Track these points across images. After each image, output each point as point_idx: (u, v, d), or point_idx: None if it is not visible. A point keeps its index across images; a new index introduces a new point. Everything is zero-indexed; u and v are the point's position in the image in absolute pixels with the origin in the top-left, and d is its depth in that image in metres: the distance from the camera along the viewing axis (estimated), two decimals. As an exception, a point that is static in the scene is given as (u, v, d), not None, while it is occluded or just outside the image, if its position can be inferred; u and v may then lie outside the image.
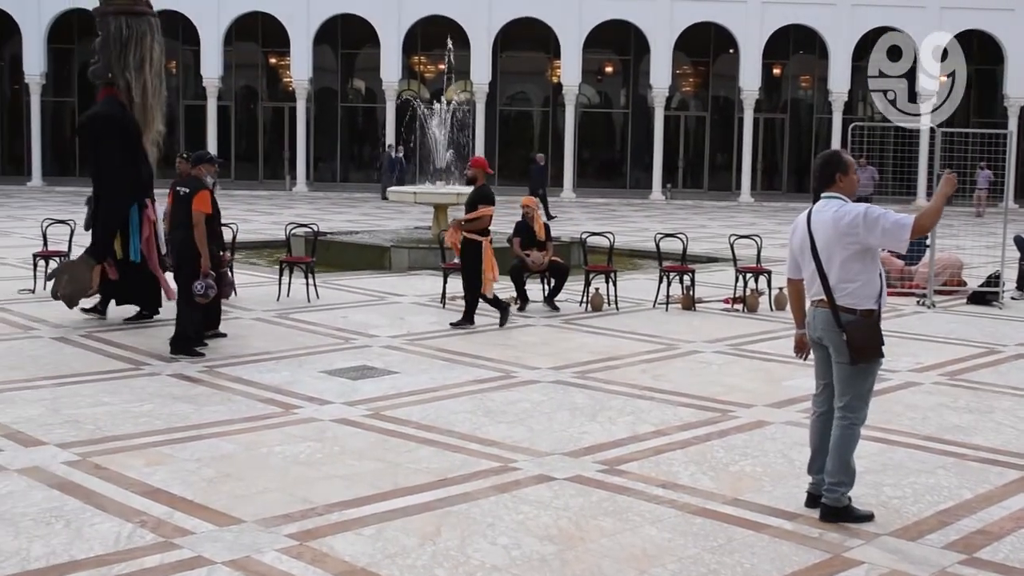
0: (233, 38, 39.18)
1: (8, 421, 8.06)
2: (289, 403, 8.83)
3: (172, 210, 11.00)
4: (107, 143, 12.58)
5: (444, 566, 5.53)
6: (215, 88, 38.03)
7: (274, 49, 40.62)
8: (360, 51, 41.26)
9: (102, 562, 5.50)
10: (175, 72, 42.80)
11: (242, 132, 43.21)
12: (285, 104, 40.91)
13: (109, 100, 12.81)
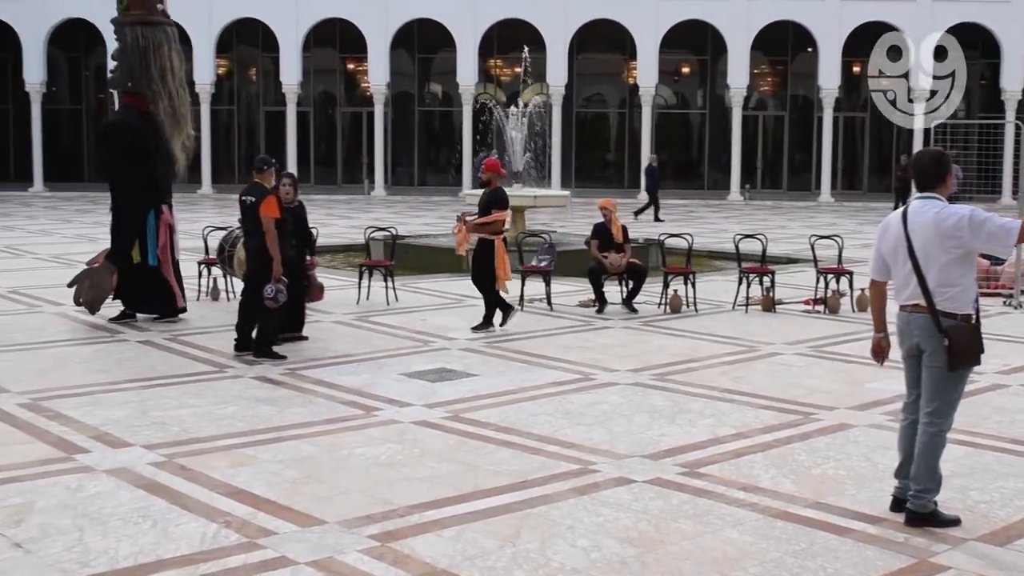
0: (312, 44, 39.62)
1: (96, 423, 8.23)
2: (369, 405, 8.91)
3: (242, 219, 11.19)
4: (124, 151, 12.84)
5: (524, 568, 5.54)
6: (294, 94, 38.48)
7: (352, 55, 40.98)
8: (437, 55, 41.48)
9: (188, 561, 5.60)
10: (255, 79, 43.47)
11: (321, 137, 43.64)
12: (363, 109, 41.26)
13: (127, 108, 13.14)
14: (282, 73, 38.48)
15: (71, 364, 10.48)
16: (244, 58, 42.79)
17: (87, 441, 7.76)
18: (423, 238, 20.95)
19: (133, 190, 12.77)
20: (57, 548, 5.76)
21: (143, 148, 12.83)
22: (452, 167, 40.32)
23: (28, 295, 14.60)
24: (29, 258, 19.52)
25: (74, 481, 6.87)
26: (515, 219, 19.95)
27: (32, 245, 21.46)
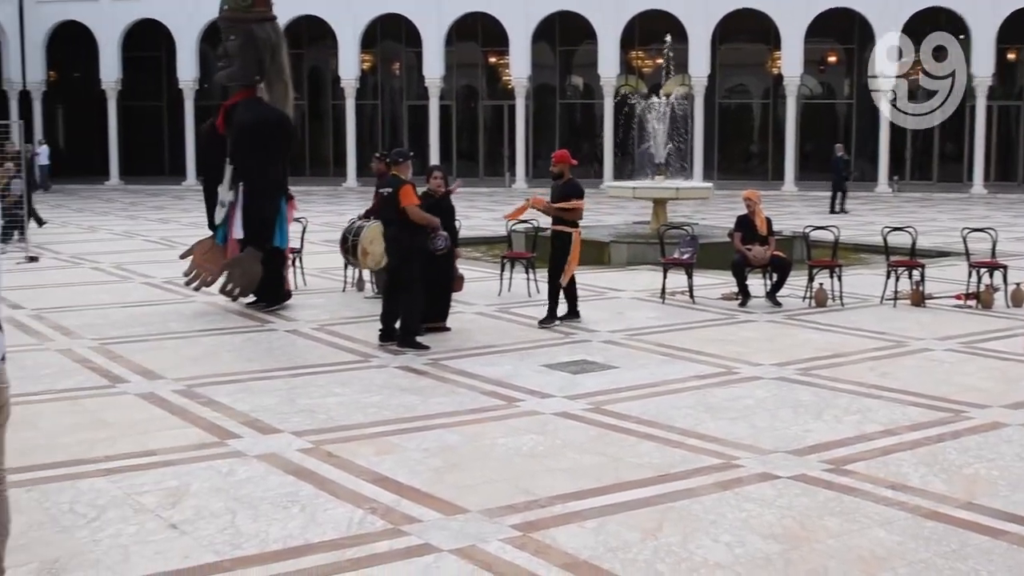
0: (454, 38, 39.98)
1: (247, 409, 8.46)
2: (511, 396, 8.97)
3: (381, 211, 11.37)
4: (272, 143, 13.32)
5: (666, 561, 5.51)
6: (437, 88, 38.88)
7: (494, 48, 41.23)
8: (578, 47, 41.45)
9: (335, 546, 5.72)
10: (399, 73, 44.08)
11: (463, 131, 44.04)
12: (505, 102, 41.49)
13: (257, 102, 13.54)
14: (425, 67, 38.92)
15: (223, 352, 10.80)
16: (388, 53, 43.42)
17: (238, 427, 7.99)
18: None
19: (275, 179, 13.30)
20: (210, 530, 5.94)
21: (283, 140, 13.38)
22: (594, 160, 40.24)
23: (182, 286, 15.06)
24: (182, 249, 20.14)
25: (226, 465, 7.08)
26: (657, 211, 19.84)
27: (185, 237, 22.10)
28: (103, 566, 5.44)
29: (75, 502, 6.37)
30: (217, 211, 13.38)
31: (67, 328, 11.90)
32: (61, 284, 15.38)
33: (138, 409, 8.56)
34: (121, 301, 13.86)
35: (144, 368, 9.92)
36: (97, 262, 18.00)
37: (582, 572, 5.38)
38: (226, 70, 13.63)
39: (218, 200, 13.33)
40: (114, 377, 9.63)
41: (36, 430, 7.76)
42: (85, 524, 6.02)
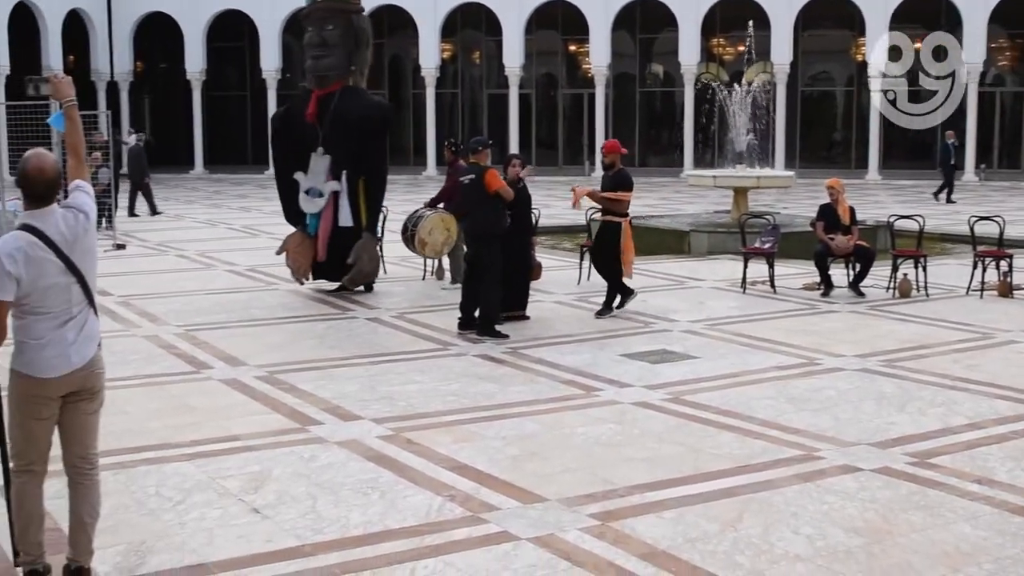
0: (534, 27, 39.92)
1: (329, 396, 8.55)
2: (590, 385, 8.96)
3: (462, 199, 11.41)
4: (383, 132, 13.87)
5: (746, 553, 5.48)
6: (517, 77, 38.87)
7: (574, 36, 41.09)
8: (658, 35, 41.17)
9: (414, 532, 5.76)
10: (478, 62, 44.15)
11: (542, 119, 43.98)
12: (584, 91, 41.35)
13: (360, 92, 13.90)
14: (505, 56, 38.92)
15: (305, 339, 10.92)
16: (468, 42, 43.50)
17: (320, 413, 8.08)
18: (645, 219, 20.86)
19: (385, 167, 13.94)
20: (292, 515, 6.02)
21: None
22: (674, 148, 39.96)
23: (265, 273, 15.27)
24: (265, 238, 20.37)
25: (308, 451, 7.17)
26: (737, 200, 19.66)
27: (268, 225, 22.39)
28: (188, 549, 5.54)
29: (161, 486, 6.49)
30: (304, 200, 13.45)
31: (153, 315, 12.12)
32: (148, 271, 15.66)
33: (222, 395, 8.70)
34: (205, 288, 14.08)
35: (228, 354, 10.07)
36: (182, 250, 18.30)
37: (661, 562, 5.37)
38: (324, 60, 13.71)
39: (302, 189, 13.42)
40: (199, 363, 9.80)
41: (124, 415, 7.92)
42: (171, 507, 6.14)
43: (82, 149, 5.28)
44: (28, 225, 4.85)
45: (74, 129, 5.30)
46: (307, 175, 13.40)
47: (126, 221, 22.27)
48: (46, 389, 4.88)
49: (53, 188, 4.93)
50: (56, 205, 4.93)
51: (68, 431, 5.05)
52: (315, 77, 13.69)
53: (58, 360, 4.88)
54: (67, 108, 5.34)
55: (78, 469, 5.11)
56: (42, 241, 4.82)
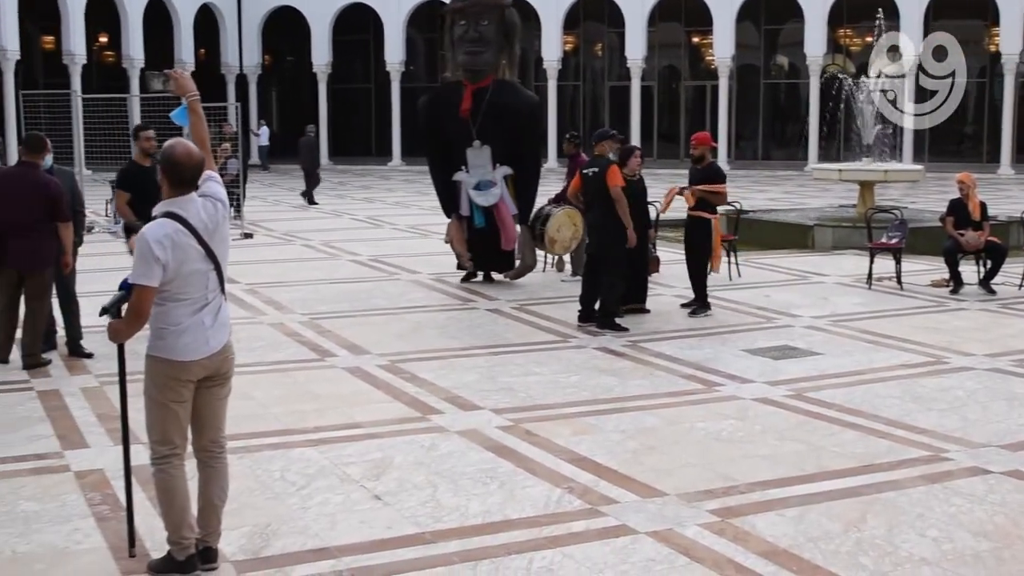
0: (656, 19, 39.67)
1: (449, 386, 8.63)
2: (710, 380, 8.88)
3: (583, 191, 11.34)
4: (539, 125, 14.28)
5: (869, 555, 5.38)
6: (639, 69, 38.67)
7: (697, 28, 40.72)
8: (783, 26, 40.56)
9: (533, 523, 5.79)
10: (600, 54, 44.03)
11: (664, 112, 43.69)
12: (707, 83, 40.96)
13: (515, 86, 14.08)
14: (627, 48, 38.75)
15: (426, 329, 11.03)
16: (590, 34, 43.42)
17: (440, 403, 8.16)
18: (768, 213, 20.61)
19: (539, 159, 14.15)
20: (412, 502, 6.10)
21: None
22: (800, 141, 39.35)
23: (387, 263, 15.47)
24: (388, 228, 20.67)
25: (428, 440, 7.25)
26: (864, 194, 19.28)
27: (390, 216, 22.70)
28: (311, 533, 5.65)
29: (285, 470, 6.63)
30: (478, 195, 13.51)
31: (279, 302, 12.37)
32: (274, 260, 15.98)
33: (345, 382, 8.84)
34: (330, 277, 14.32)
35: (351, 343, 10.23)
36: (307, 239, 18.63)
37: (782, 561, 5.30)
38: (481, 55, 13.79)
39: (469, 187, 13.51)
40: (323, 351, 9.97)
41: (250, 400, 8.10)
42: (295, 492, 6.26)
43: (208, 141, 5.41)
44: (172, 212, 4.97)
45: (200, 122, 5.44)
46: (469, 170, 13.52)
47: (252, 211, 22.71)
48: (186, 372, 5.01)
49: (199, 174, 5.06)
50: (195, 193, 5.06)
51: (201, 415, 5.18)
52: (470, 72, 13.78)
53: (197, 344, 5.02)
54: (191, 102, 5.49)
55: (210, 453, 5.26)
56: (185, 228, 4.95)
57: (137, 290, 4.87)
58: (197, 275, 5.00)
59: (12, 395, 8.42)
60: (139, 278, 4.85)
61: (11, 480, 6.46)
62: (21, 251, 9.13)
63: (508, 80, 14.01)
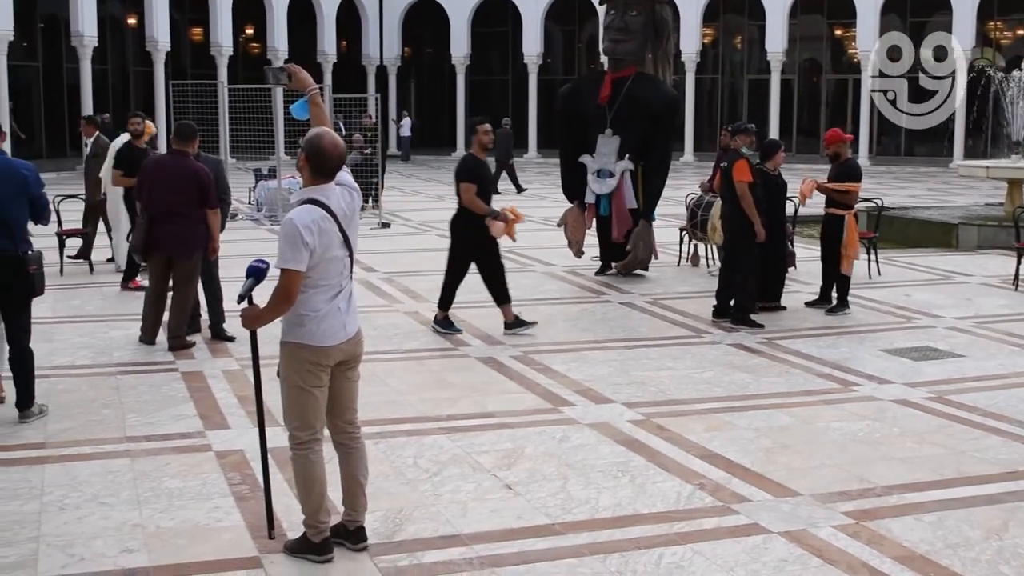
0: (799, 11, 38.99)
1: (581, 378, 8.64)
2: (847, 380, 8.72)
3: (721, 184, 11.22)
4: (674, 120, 14.02)
5: (1011, 564, 5.23)
6: (779, 62, 38.07)
7: (840, 21, 39.89)
8: (930, 19, 39.45)
9: (663, 518, 5.77)
10: (740, 47, 43.46)
11: (804, 106, 42.91)
12: (849, 76, 40.10)
13: (653, 79, 14.01)
14: (767, 41, 38.17)
15: (559, 321, 11.06)
16: (730, 27, 42.88)
17: (572, 395, 8.18)
18: (910, 210, 20.10)
19: (669, 155, 14.10)
20: (543, 493, 6.13)
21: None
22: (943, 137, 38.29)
23: (521, 255, 15.52)
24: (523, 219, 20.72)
25: (559, 431, 7.27)
26: (1012, 192, 18.67)
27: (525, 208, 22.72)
28: (442, 519, 5.72)
29: (419, 457, 6.73)
30: (595, 181, 13.57)
31: (415, 291, 12.54)
32: (410, 250, 16.19)
33: (478, 372, 8.93)
34: (464, 268, 14.41)
35: (484, 333, 10.32)
36: (443, 230, 18.71)
37: (918, 566, 5.19)
38: (624, 44, 13.85)
39: (591, 171, 13.57)
40: (457, 341, 10.07)
41: (385, 387, 8.24)
42: (427, 479, 6.35)
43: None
44: (315, 199, 5.08)
45: (322, 113, 5.58)
46: (594, 157, 13.56)
47: (390, 200, 23.00)
48: (326, 357, 5.12)
49: (341, 165, 5.17)
50: (333, 182, 5.16)
51: (338, 399, 5.29)
52: (612, 60, 13.86)
53: (335, 330, 5.12)
54: (313, 96, 5.61)
55: (349, 434, 5.37)
56: (329, 214, 5.06)
57: (287, 274, 4.97)
58: (336, 261, 5.10)
59: (158, 375, 8.72)
60: (288, 262, 4.95)
61: (157, 458, 6.69)
62: (170, 237, 9.43)
63: (648, 74, 13.99)
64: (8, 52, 29.59)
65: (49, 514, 5.76)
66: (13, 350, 7.45)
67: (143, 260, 10.10)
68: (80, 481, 6.25)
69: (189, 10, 39.26)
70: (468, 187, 10.43)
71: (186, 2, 38.36)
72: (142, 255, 9.84)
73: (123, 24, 38.24)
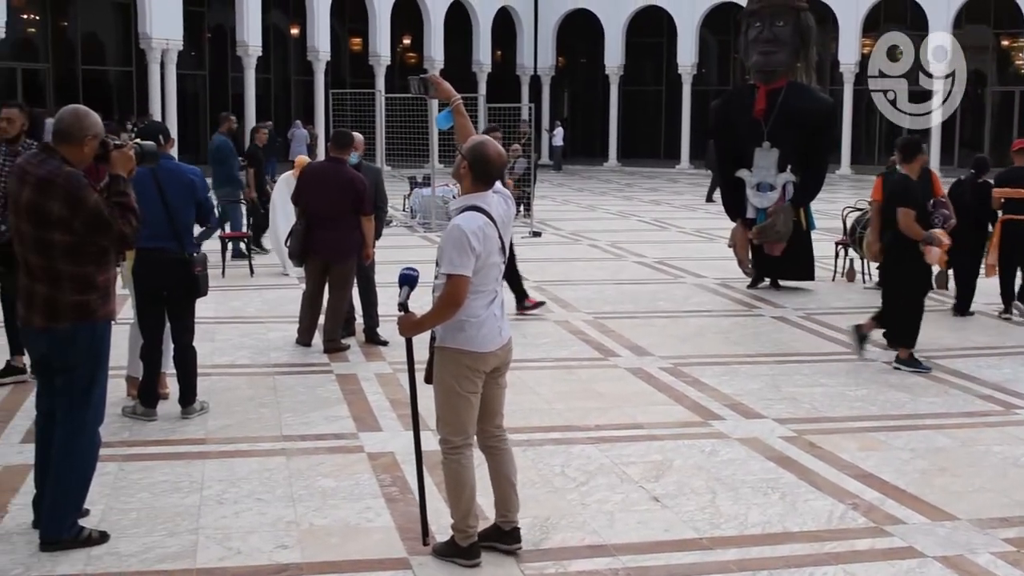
0: (963, 21, 37.86)
1: (731, 392, 8.54)
2: (1010, 402, 8.42)
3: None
4: (830, 129, 14.02)
5: None
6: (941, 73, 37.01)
7: (1007, 30, 38.62)
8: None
9: (814, 538, 5.66)
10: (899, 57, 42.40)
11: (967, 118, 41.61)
12: (1016, 88, 38.78)
13: (808, 89, 13.90)
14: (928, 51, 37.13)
15: (709, 334, 10.96)
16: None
17: (722, 408, 8.09)
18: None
19: (826, 164, 14.03)
20: (690, 507, 6.08)
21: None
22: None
23: (672, 266, 15.46)
24: (674, 231, 20.64)
25: (708, 445, 7.20)
26: None
27: (677, 219, 22.66)
28: (589, 529, 5.72)
29: (566, 466, 6.74)
30: (755, 195, 13.46)
31: (565, 300, 12.57)
32: (561, 259, 16.24)
33: (627, 383, 8.90)
34: (614, 278, 14.43)
35: (634, 344, 10.28)
36: (594, 240, 18.83)
37: (1084, 598, 4.99)
38: (775, 56, 13.78)
39: (750, 186, 13.46)
40: (606, 350, 10.07)
41: (534, 395, 8.28)
42: (574, 488, 6.36)
43: None
44: (477, 206, 5.15)
45: (467, 122, 5.69)
46: (752, 171, 13.46)
47: (541, 210, 23.11)
48: (484, 363, 5.19)
49: (502, 174, 5.25)
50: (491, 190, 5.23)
51: (489, 404, 5.34)
52: (763, 73, 13.71)
53: (492, 336, 5.19)
54: (457, 106, 5.70)
55: (498, 437, 5.43)
56: (491, 221, 5.13)
57: (455, 279, 5.02)
58: (493, 268, 5.16)
59: (314, 376, 8.93)
60: (458, 268, 5.01)
61: (311, 457, 6.85)
62: (327, 242, 9.66)
63: (801, 83, 13.82)
64: (177, 61, 30.75)
65: (208, 507, 5.95)
66: (177, 348, 7.73)
67: (300, 264, 10.36)
68: (238, 477, 6.44)
69: (349, 20, 40.17)
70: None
71: (347, 13, 39.24)
72: (299, 259, 10.10)
73: (286, 34, 39.36)
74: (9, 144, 8.31)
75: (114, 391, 6.63)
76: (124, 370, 8.09)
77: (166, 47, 30.25)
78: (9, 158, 8.15)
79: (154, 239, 7.18)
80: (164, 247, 7.41)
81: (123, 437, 7.20)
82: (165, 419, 7.61)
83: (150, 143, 5.91)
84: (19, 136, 8.34)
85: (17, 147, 8.20)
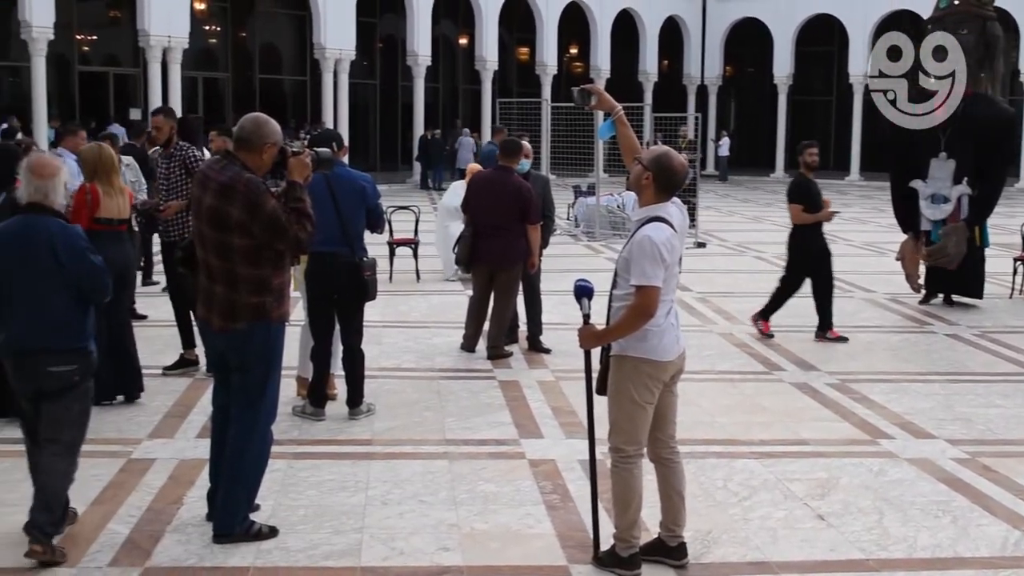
0: None
1: (901, 411, 8.31)
2: None
3: None
4: (1010, 140, 13.93)
5: None
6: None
7: None
8: None
9: (987, 564, 5.48)
10: None
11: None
12: None
13: (993, 99, 13.61)
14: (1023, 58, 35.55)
15: (878, 350, 10.69)
16: None
17: (890, 427, 7.88)
18: None
19: (1004, 176, 13.76)
20: (856, 527, 5.94)
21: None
22: None
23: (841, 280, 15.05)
24: (843, 244, 20.13)
25: (876, 464, 7.03)
26: None
27: (846, 232, 22.11)
28: (751, 545, 5.65)
29: (728, 480, 6.66)
30: (928, 207, 13.14)
31: (729, 313, 12.43)
32: (726, 271, 16.07)
33: (792, 398, 8.75)
34: (780, 291, 14.16)
35: (799, 358, 10.10)
36: (760, 251, 18.56)
37: None
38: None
39: (923, 196, 13.14)
40: (771, 364, 9.92)
41: (697, 407, 8.21)
42: (737, 502, 6.28)
43: (640, 149, 5.57)
44: (661, 217, 5.15)
45: (630, 132, 5.73)
46: (927, 181, 13.12)
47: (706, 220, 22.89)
48: (664, 372, 5.19)
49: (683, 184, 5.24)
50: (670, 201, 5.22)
51: (663, 413, 5.32)
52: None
53: (671, 344, 5.20)
54: (619, 116, 5.71)
55: (670, 448, 5.40)
56: (674, 231, 5.13)
57: (648, 290, 5.03)
58: (672, 278, 5.18)
59: (477, 382, 9.03)
60: (652, 279, 5.02)
61: (474, 461, 6.93)
62: (492, 250, 9.76)
63: (985, 94, 13.39)
64: (349, 71, 31.55)
65: (373, 507, 6.08)
66: (346, 350, 7.92)
67: (466, 271, 10.48)
68: (402, 478, 6.56)
69: (517, 30, 40.52)
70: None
71: (514, 23, 39.60)
72: (466, 266, 10.23)
73: (454, 44, 39.95)
74: (163, 148, 9.16)
75: (285, 391, 6.82)
76: (295, 370, 8.33)
77: (339, 57, 31.10)
78: (164, 160, 9.10)
79: (326, 243, 7.36)
80: (336, 251, 7.60)
81: (292, 436, 7.41)
82: (333, 419, 7.81)
83: (325, 150, 6.07)
84: (170, 140, 9.08)
85: (170, 150, 9.07)
